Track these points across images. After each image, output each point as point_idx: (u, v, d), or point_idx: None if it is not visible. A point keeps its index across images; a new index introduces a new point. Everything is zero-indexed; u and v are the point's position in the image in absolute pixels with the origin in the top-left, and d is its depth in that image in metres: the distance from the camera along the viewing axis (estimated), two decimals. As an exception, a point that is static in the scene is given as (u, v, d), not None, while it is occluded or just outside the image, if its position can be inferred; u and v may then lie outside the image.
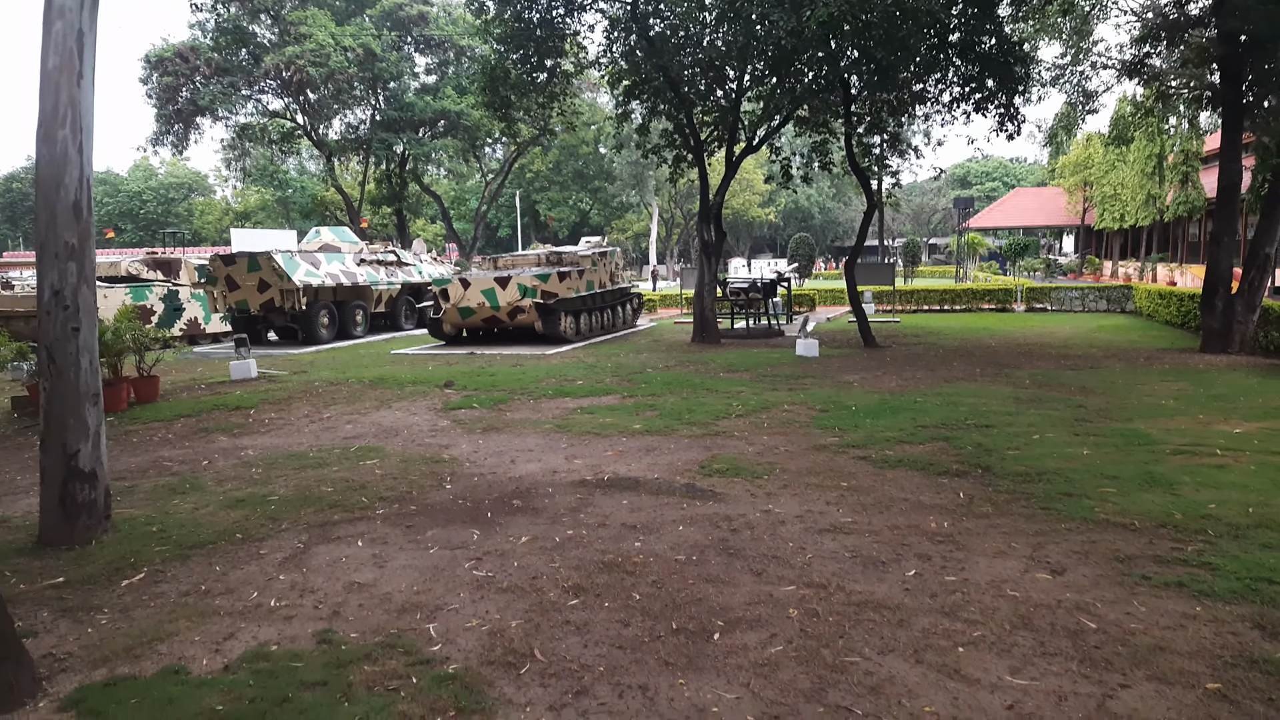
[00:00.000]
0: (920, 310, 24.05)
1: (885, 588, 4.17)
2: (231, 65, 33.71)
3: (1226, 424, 7.71)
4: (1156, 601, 3.93)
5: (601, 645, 3.63)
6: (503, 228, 61.65)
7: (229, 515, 5.61)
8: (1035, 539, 4.81)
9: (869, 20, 11.67)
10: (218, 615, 4.04)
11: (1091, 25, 17.68)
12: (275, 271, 16.65)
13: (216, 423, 9.02)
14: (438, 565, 4.63)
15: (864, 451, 6.97)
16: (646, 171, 45.77)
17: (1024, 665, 3.37)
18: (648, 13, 15.35)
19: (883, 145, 16.54)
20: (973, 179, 79.05)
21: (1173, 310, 17.75)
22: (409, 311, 21.02)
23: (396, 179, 39.97)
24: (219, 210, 66.33)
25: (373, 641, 3.71)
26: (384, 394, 10.65)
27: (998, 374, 11.19)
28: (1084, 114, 19.17)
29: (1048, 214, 47.22)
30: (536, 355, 14.67)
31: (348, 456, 7.27)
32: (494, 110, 16.91)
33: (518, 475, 6.53)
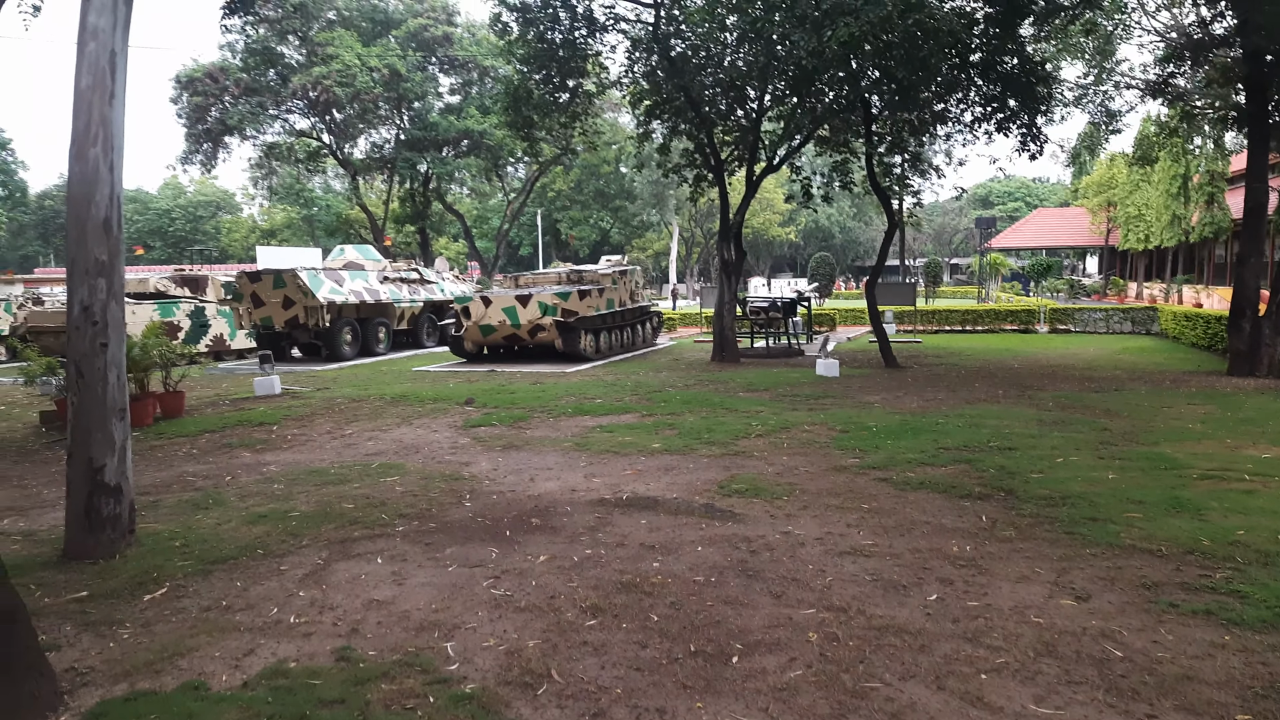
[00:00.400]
0: (942, 331, 23.90)
1: (906, 612, 4.12)
2: (260, 85, 34.31)
3: (1255, 448, 7.58)
4: (1184, 630, 3.85)
5: (619, 667, 3.61)
6: (524, 246, 62.05)
7: (251, 531, 5.65)
8: (1059, 564, 4.75)
9: (890, 40, 11.68)
10: (238, 631, 4.06)
11: (1114, 45, 17.62)
12: (300, 289, 16.83)
13: (240, 438, 9.11)
14: (456, 583, 4.63)
15: (885, 473, 6.92)
16: (667, 190, 45.95)
17: (1048, 694, 3.31)
18: (669, 33, 15.46)
19: (904, 165, 16.51)
20: (995, 199, 78.67)
21: (1199, 332, 17.52)
22: (431, 329, 21.18)
23: (420, 198, 40.38)
24: (246, 228, 67.32)
25: (391, 660, 3.71)
26: (405, 411, 10.71)
27: (1021, 396, 11.08)
28: (1107, 134, 19.08)
29: (1071, 234, 46.83)
30: (556, 373, 14.71)
31: (369, 473, 7.31)
32: (516, 130, 17.06)
33: (536, 493, 6.53)
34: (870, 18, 11.12)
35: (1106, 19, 16.88)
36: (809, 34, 12.12)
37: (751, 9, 12.90)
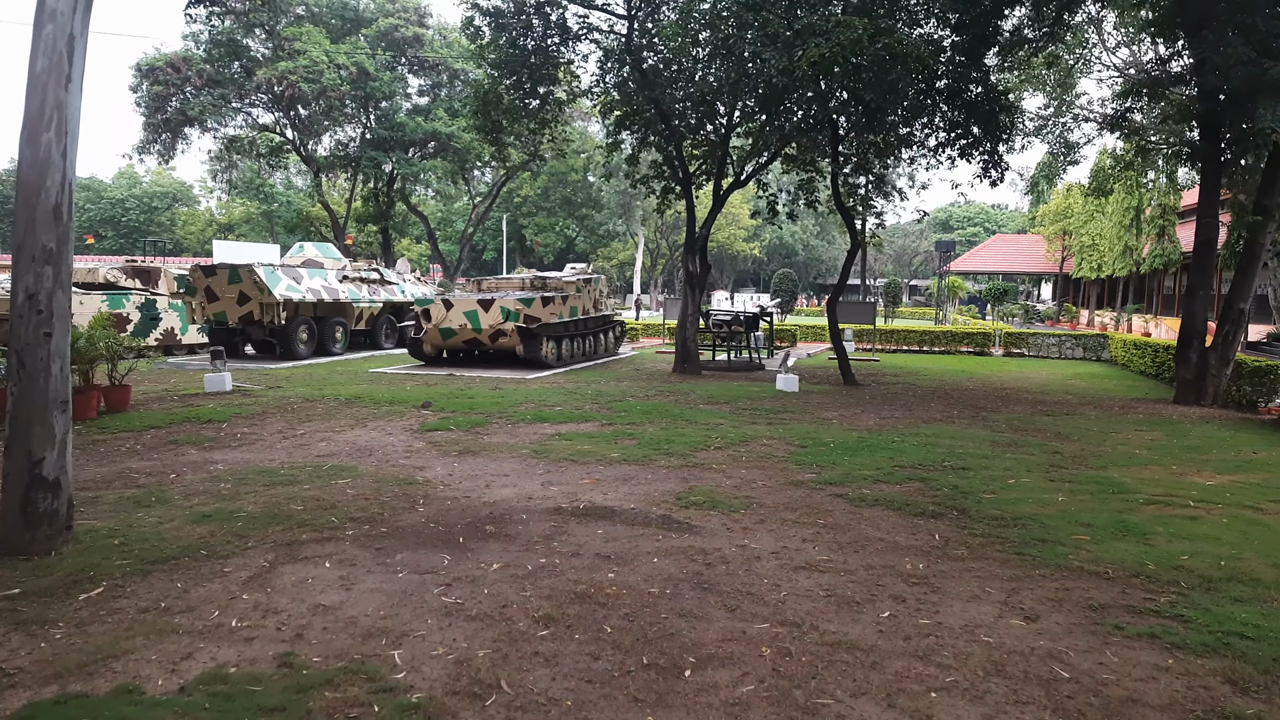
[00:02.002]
0: (899, 350, 24.22)
1: (859, 629, 4.13)
2: (223, 77, 33.68)
3: (1199, 475, 7.78)
4: (1129, 652, 3.91)
5: (570, 678, 3.56)
6: (488, 251, 61.69)
7: (194, 531, 5.49)
8: (1009, 584, 4.80)
9: (859, 63, 11.84)
10: (176, 634, 3.94)
11: (1075, 79, 18.11)
12: (256, 284, 16.51)
13: (187, 435, 8.88)
14: (406, 590, 4.54)
15: (841, 489, 6.96)
16: (634, 201, 46.06)
17: (996, 713, 3.34)
18: (641, 46, 15.52)
19: (868, 186, 16.73)
20: (955, 223, 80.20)
21: (1147, 361, 17.98)
22: (390, 330, 20.91)
23: (384, 198, 39.94)
24: (202, 221, 65.92)
25: (335, 666, 3.61)
26: (360, 412, 10.53)
27: (975, 417, 11.25)
28: (1065, 164, 19.57)
29: (1027, 261, 47.90)
30: (516, 379, 14.60)
31: (319, 475, 7.16)
32: (485, 134, 16.97)
33: (492, 500, 6.45)
34: (841, 40, 11.26)
35: (1068, 53, 17.34)
36: (780, 53, 12.24)
37: (724, 26, 13.00)
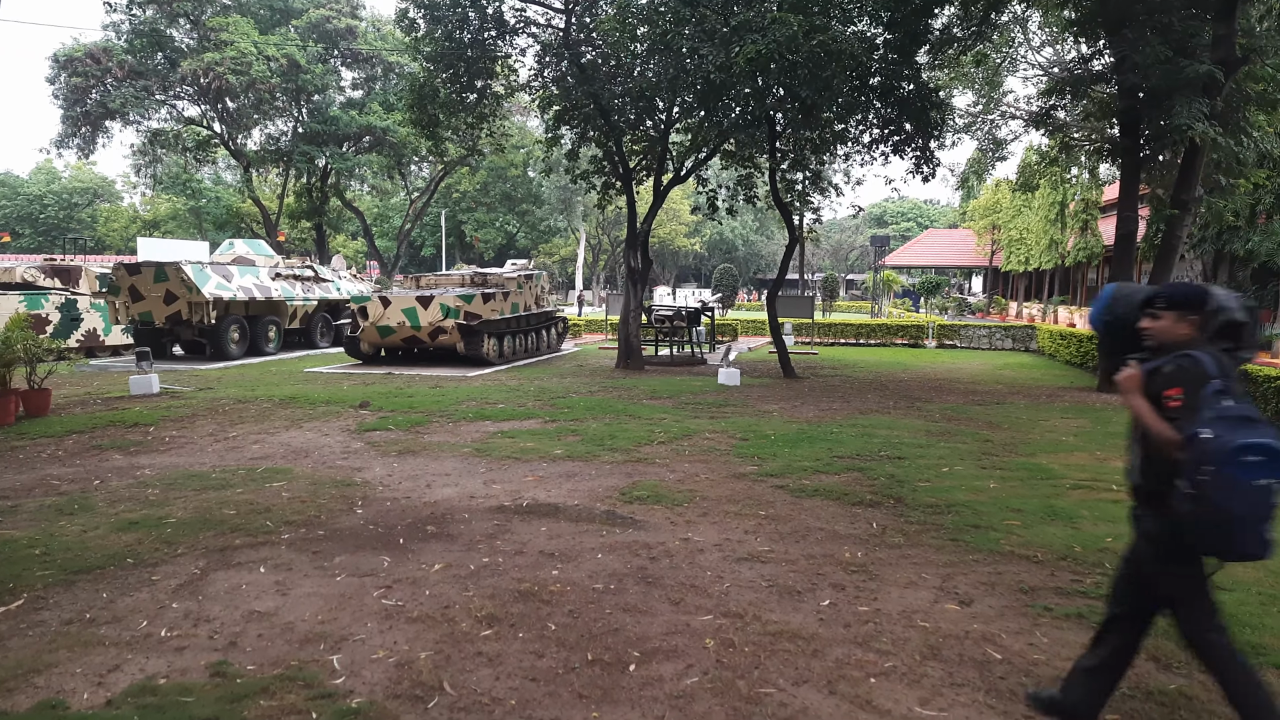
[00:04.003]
0: (837, 343, 24.63)
1: (800, 617, 4.19)
2: (146, 69, 32.45)
3: (1122, 460, 8.07)
4: (1058, 632, 4.05)
5: (514, 677, 3.53)
6: (427, 247, 60.78)
7: (120, 538, 5.30)
8: (945, 570, 4.92)
9: (795, 60, 11.98)
10: (102, 645, 3.80)
11: (1002, 77, 18.63)
12: (184, 283, 15.99)
13: (112, 440, 8.56)
14: (345, 593, 4.45)
15: (782, 480, 7.05)
16: (575, 197, 45.89)
17: (933, 696, 3.42)
18: (579, 40, 15.45)
19: (805, 182, 16.94)
20: (889, 219, 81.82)
21: (1072, 350, 18.61)
22: (325, 329, 20.47)
23: (317, 193, 39.03)
24: (126, 218, 63.48)
25: (271, 674, 3.53)
26: (295, 413, 10.29)
27: (910, 407, 11.51)
28: (994, 161, 20.14)
29: (958, 255, 49.14)
30: (457, 377, 14.43)
31: (253, 478, 6.98)
32: (421, 128, 16.70)
33: (433, 500, 6.37)
34: (776, 37, 11.38)
35: (995, 52, 17.83)
36: (717, 49, 12.31)
37: (661, 21, 13.03)
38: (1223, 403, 2.66)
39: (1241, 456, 2.56)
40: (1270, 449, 2.57)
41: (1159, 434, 2.80)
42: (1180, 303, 2.89)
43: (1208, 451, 2.60)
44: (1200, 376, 2.73)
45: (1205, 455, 2.61)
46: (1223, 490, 2.58)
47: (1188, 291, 2.92)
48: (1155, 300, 2.95)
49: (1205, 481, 2.60)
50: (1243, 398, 2.72)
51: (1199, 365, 2.75)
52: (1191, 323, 2.88)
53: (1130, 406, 2.91)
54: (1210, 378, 2.71)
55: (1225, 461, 2.57)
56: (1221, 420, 2.62)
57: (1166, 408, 2.81)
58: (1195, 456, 2.64)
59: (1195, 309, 2.88)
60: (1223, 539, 2.67)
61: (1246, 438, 2.58)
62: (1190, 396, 2.73)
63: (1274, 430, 2.63)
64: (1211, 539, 2.70)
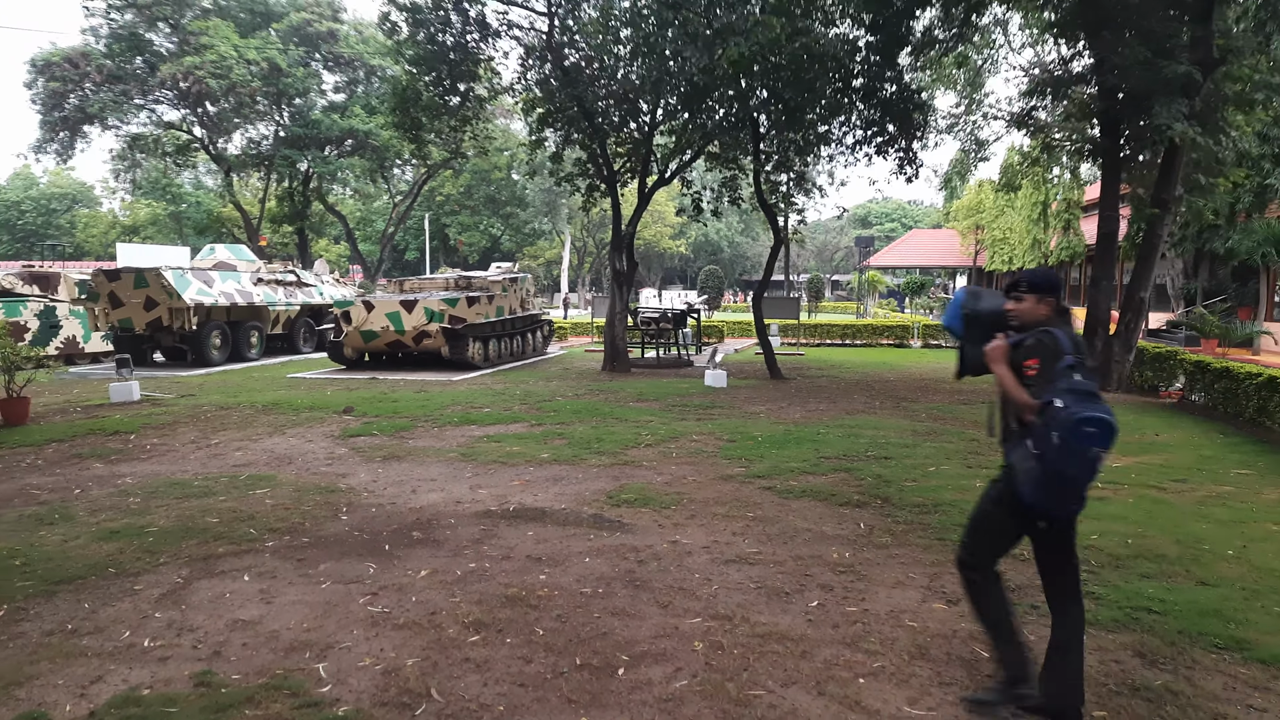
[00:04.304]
0: (823, 344, 24.70)
1: (789, 619, 4.18)
2: (125, 73, 32.16)
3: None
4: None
5: (502, 683, 3.51)
6: (410, 251, 60.53)
7: (102, 548, 5.24)
8: (932, 569, 4.93)
9: (778, 62, 12.02)
10: (85, 656, 3.74)
11: (983, 78, 18.76)
12: (164, 289, 15.85)
13: (92, 448, 8.46)
14: (330, 601, 4.41)
15: (769, 482, 7.05)
16: (559, 199, 45.86)
17: (922, 696, 3.42)
18: (563, 43, 15.43)
19: (789, 183, 16.99)
20: (873, 219, 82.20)
21: (1056, 349, 18.69)
22: (308, 334, 20.33)
23: (299, 197, 38.79)
24: (105, 223, 62.85)
25: (256, 683, 3.49)
26: (278, 419, 10.21)
27: (896, 407, 11.55)
28: (976, 161, 20.26)
29: (943, 255, 49.37)
30: (442, 381, 14.37)
31: (236, 485, 6.91)
32: (404, 131, 16.63)
33: (419, 506, 6.33)
34: (759, 39, 11.41)
35: (977, 53, 17.95)
36: (700, 51, 12.34)
37: (645, 24, 13.05)
38: (1074, 377, 3.00)
39: (1083, 427, 2.88)
40: (1105, 422, 2.90)
41: (1018, 399, 3.13)
42: (1039, 286, 3.26)
43: (1058, 419, 2.92)
44: (1056, 351, 3.07)
45: (1055, 422, 2.93)
46: (1064, 454, 2.92)
47: (1046, 277, 3.30)
48: (1019, 285, 3.30)
49: (1052, 444, 2.93)
50: (1090, 374, 3.05)
51: (1056, 341, 3.09)
52: (1048, 304, 3.25)
53: (995, 374, 3.25)
54: (1064, 353, 3.05)
55: (1070, 430, 2.89)
56: (1071, 393, 2.95)
57: (1025, 376, 3.14)
58: (1046, 422, 2.96)
59: (1052, 292, 3.26)
60: (1051, 495, 3.03)
61: (1089, 411, 2.90)
62: (1045, 367, 3.08)
63: (1109, 407, 2.96)
64: (1042, 494, 3.03)
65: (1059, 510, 3.13)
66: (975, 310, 3.47)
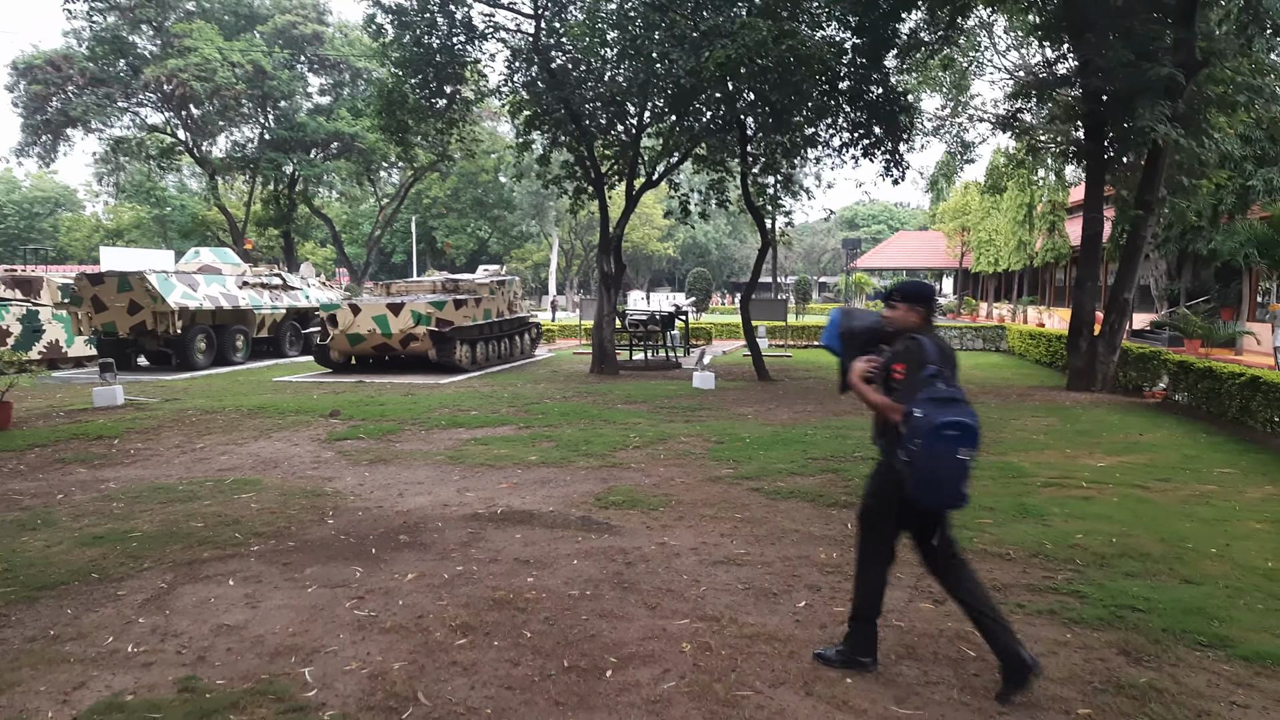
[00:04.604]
0: (811, 346, 24.75)
1: (777, 619, 4.19)
2: (108, 76, 31.93)
3: (1091, 458, 8.19)
4: (1030, 629, 4.08)
5: (490, 686, 3.50)
6: (397, 254, 60.33)
7: (85, 553, 5.19)
8: (918, 569, 4.91)
9: (765, 65, 12.05)
10: (67, 663, 3.71)
11: (969, 81, 18.86)
12: (148, 293, 15.74)
13: (75, 453, 8.39)
14: (316, 605, 4.39)
15: (757, 483, 7.06)
16: (547, 202, 45.77)
17: (908, 695, 3.43)
18: (549, 45, 15.42)
19: (776, 185, 17.04)
20: (860, 221, 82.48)
21: (1042, 350, 18.85)
22: (294, 337, 20.22)
23: (285, 200, 38.60)
24: (88, 227, 62.39)
25: (241, 688, 3.46)
26: (264, 423, 10.15)
27: (884, 408, 11.57)
28: (962, 163, 20.37)
29: (929, 256, 49.62)
30: (430, 384, 14.32)
31: (221, 490, 6.87)
32: (390, 134, 16.58)
33: (406, 509, 6.30)
34: (746, 41, 11.44)
35: (962, 56, 18.05)
36: (687, 54, 12.35)
37: (631, 26, 13.05)
38: (937, 385, 3.27)
39: (944, 431, 3.18)
40: (965, 425, 3.20)
41: (882, 409, 3.46)
42: (911, 296, 3.54)
43: (918, 427, 3.21)
44: (921, 359, 3.33)
45: (916, 430, 3.21)
46: (928, 457, 3.21)
47: (917, 288, 3.60)
48: (893, 294, 3.58)
49: (915, 450, 3.22)
50: (952, 380, 3.34)
51: (921, 348, 3.35)
52: (919, 313, 3.51)
53: (856, 390, 3.57)
54: (928, 361, 3.31)
55: (931, 435, 3.18)
56: (931, 401, 3.22)
57: (893, 379, 3.42)
58: (910, 430, 3.25)
59: (922, 302, 3.53)
60: (929, 492, 3.32)
61: (948, 416, 3.18)
62: (910, 373, 3.34)
63: (971, 410, 3.27)
64: (922, 492, 3.31)
65: (936, 503, 3.41)
66: (850, 328, 3.71)
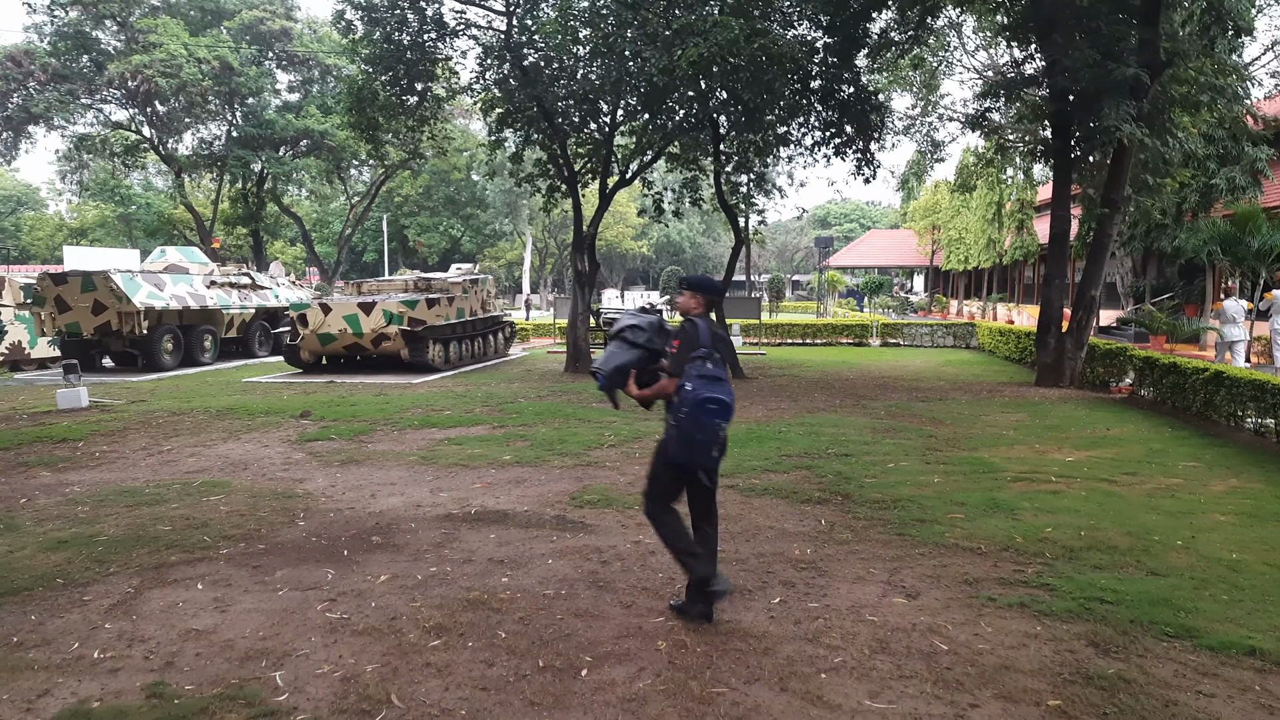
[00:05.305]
0: (784, 343, 24.89)
1: (751, 616, 4.20)
2: (71, 72, 31.30)
3: (1060, 453, 8.31)
4: (1001, 622, 4.13)
5: (464, 687, 3.47)
6: (369, 252, 59.77)
7: (49, 558, 5.09)
8: (892, 564, 4.99)
9: (737, 63, 12.07)
10: (31, 670, 3.63)
11: (939, 80, 19.06)
12: (113, 292, 15.47)
13: (39, 456, 8.22)
14: (287, 608, 4.33)
15: (732, 480, 7.08)
16: (520, 200, 45.62)
17: (882, 689, 3.45)
18: (521, 43, 15.35)
19: (749, 184, 17.10)
20: (832, 220, 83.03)
21: (1011, 346, 19.08)
22: (264, 337, 19.99)
23: (254, 198, 38.09)
24: (51, 226, 61.16)
25: (210, 693, 3.41)
26: (233, 425, 10.02)
27: (856, 405, 11.67)
28: (932, 162, 20.60)
29: (900, 255, 50.07)
30: (402, 384, 14.21)
31: (189, 492, 6.76)
32: (361, 132, 16.42)
33: (378, 510, 6.24)
34: (718, 40, 11.45)
35: (932, 55, 18.22)
36: (660, 52, 12.35)
37: (604, 24, 13.02)
38: (706, 365, 3.95)
39: (706, 405, 3.85)
40: (722, 401, 3.89)
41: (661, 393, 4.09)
42: (694, 286, 4.26)
43: (687, 399, 3.88)
44: (694, 339, 3.99)
45: (685, 401, 3.89)
46: (692, 424, 3.87)
47: (701, 279, 4.32)
48: (683, 283, 4.30)
49: (683, 417, 3.89)
50: (719, 362, 4.00)
51: (696, 330, 4.02)
52: (698, 300, 4.22)
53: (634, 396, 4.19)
54: (701, 344, 3.97)
55: (696, 407, 3.85)
56: (700, 378, 3.90)
57: (670, 352, 4.05)
58: (680, 400, 3.91)
59: (703, 291, 4.25)
60: (684, 452, 3.95)
61: (711, 392, 3.87)
62: (683, 349, 3.98)
63: (730, 388, 3.97)
64: (682, 453, 3.96)
65: (698, 463, 4.01)
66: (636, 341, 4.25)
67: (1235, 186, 18.10)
